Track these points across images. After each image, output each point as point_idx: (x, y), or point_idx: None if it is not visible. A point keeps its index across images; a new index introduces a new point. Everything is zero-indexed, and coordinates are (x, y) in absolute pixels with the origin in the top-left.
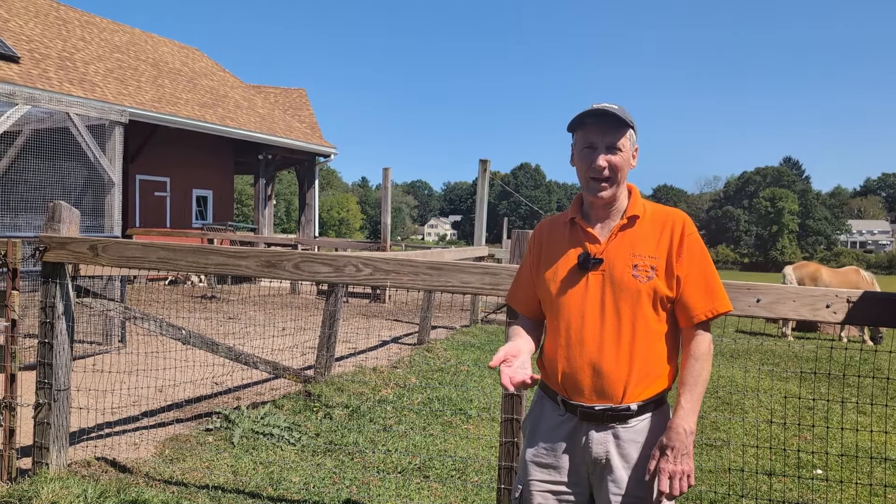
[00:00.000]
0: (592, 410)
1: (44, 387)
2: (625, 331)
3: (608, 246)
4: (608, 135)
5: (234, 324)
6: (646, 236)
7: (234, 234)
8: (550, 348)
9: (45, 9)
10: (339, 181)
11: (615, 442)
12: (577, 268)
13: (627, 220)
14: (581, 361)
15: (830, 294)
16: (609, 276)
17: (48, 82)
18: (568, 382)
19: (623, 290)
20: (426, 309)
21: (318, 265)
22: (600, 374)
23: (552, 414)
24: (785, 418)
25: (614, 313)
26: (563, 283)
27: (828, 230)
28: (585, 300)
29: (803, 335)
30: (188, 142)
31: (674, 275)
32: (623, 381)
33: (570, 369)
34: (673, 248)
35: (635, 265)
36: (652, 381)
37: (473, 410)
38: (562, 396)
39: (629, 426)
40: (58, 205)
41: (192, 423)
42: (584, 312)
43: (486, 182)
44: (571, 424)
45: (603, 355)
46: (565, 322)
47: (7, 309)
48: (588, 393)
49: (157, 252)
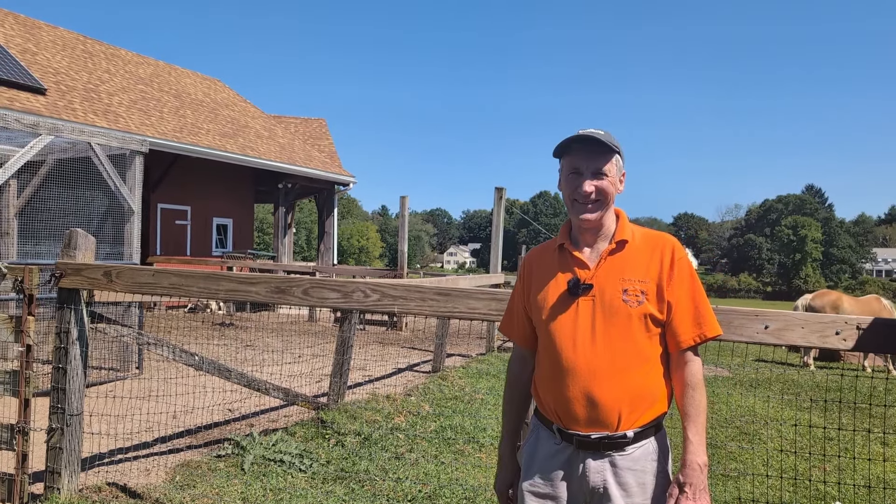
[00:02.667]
0: (588, 439)
1: (57, 412)
2: (618, 357)
3: (597, 271)
4: (594, 160)
5: (251, 350)
6: (635, 260)
7: (254, 261)
8: (544, 376)
9: (71, 42)
10: (360, 209)
11: (612, 470)
12: (566, 294)
13: (616, 244)
14: (575, 390)
15: (840, 321)
16: (599, 302)
17: (73, 113)
18: (562, 411)
19: (614, 315)
20: (441, 336)
21: (326, 291)
22: (594, 403)
23: (548, 442)
24: (804, 448)
25: (606, 339)
26: (552, 310)
27: (852, 258)
28: (576, 326)
29: (825, 364)
30: (209, 171)
31: (664, 299)
32: (618, 408)
33: (564, 398)
34: (664, 272)
35: (625, 290)
36: (648, 407)
37: (486, 439)
38: (557, 425)
39: (626, 454)
40: (74, 232)
41: (204, 450)
42: (575, 339)
43: (502, 210)
44: (568, 453)
45: (596, 383)
46: (557, 349)
47: (22, 334)
48: (583, 421)
49: (168, 278)
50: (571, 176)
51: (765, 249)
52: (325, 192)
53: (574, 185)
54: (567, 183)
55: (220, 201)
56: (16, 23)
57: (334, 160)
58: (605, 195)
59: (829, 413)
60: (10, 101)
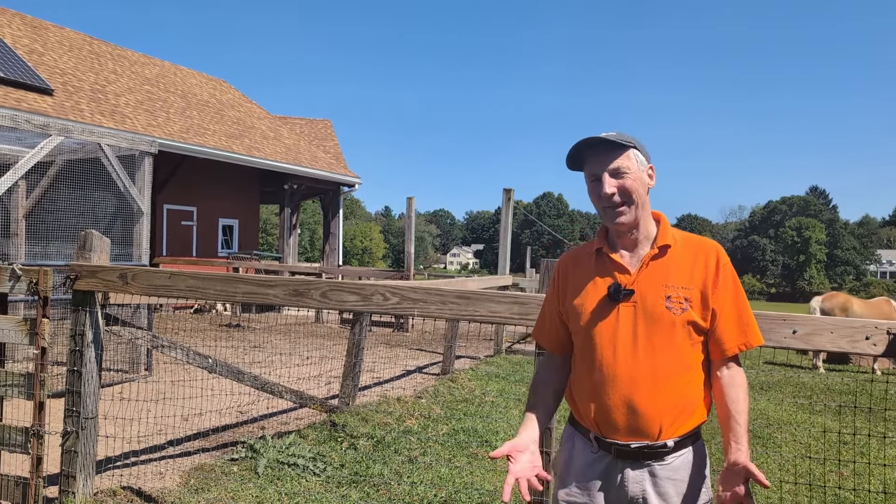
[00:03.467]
0: (628, 448)
1: (72, 415)
2: (659, 365)
3: (639, 276)
4: (607, 161)
5: (259, 352)
6: (678, 266)
7: (259, 262)
8: (582, 384)
9: (78, 43)
10: (363, 210)
11: (652, 480)
12: (606, 299)
13: (659, 249)
14: (615, 398)
15: (870, 326)
16: (641, 308)
17: (80, 114)
18: (602, 419)
19: (656, 322)
20: (451, 339)
21: (345, 294)
22: (635, 412)
23: (585, 451)
24: (821, 453)
25: (648, 346)
26: (592, 316)
27: (856, 260)
28: (617, 333)
29: (833, 367)
30: (215, 172)
31: (709, 307)
32: (659, 417)
33: (604, 406)
34: (709, 278)
35: (668, 296)
36: (688, 416)
37: (499, 442)
38: (595, 434)
39: (666, 463)
40: (89, 234)
41: (217, 453)
42: (616, 346)
43: (510, 211)
44: (606, 462)
45: (637, 391)
46: (597, 356)
47: (37, 337)
48: (623, 430)
49: (185, 281)
50: (593, 184)
51: (769, 251)
52: (330, 193)
53: (597, 190)
54: (591, 190)
55: (225, 202)
56: (23, 23)
57: (340, 161)
58: (630, 193)
59: (842, 417)
60: (17, 102)
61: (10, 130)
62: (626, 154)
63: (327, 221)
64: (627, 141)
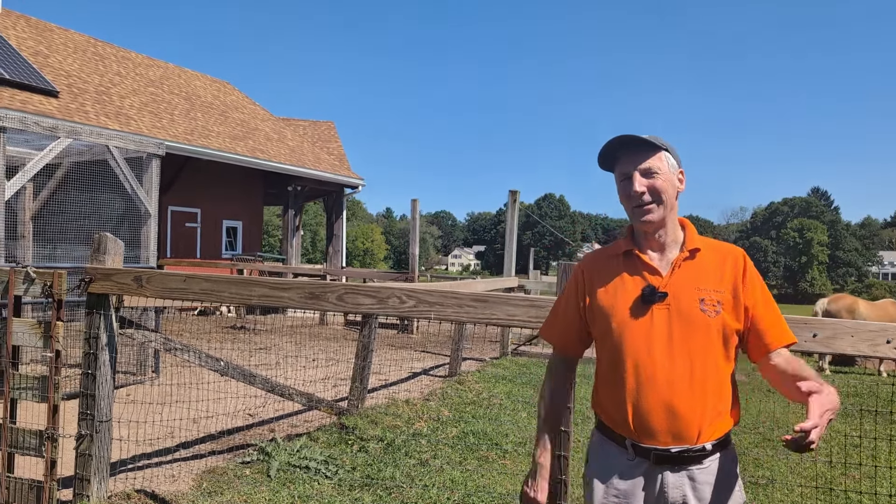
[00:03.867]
0: (669, 453)
1: (86, 418)
2: (696, 367)
3: (671, 279)
4: (639, 160)
5: (265, 354)
6: (708, 270)
7: (263, 264)
8: (614, 389)
9: (82, 45)
10: (364, 212)
11: (691, 484)
12: (640, 301)
13: (689, 252)
14: (652, 402)
15: (891, 329)
16: (675, 310)
17: (85, 116)
18: (638, 424)
19: (692, 324)
20: (457, 341)
21: (361, 297)
22: (675, 415)
23: (620, 459)
24: (831, 456)
25: (684, 349)
26: (625, 317)
27: (858, 261)
28: (652, 336)
29: (839, 369)
30: (219, 173)
31: (742, 307)
32: (698, 420)
33: (642, 410)
34: (738, 281)
35: (702, 299)
36: (723, 419)
37: (509, 445)
38: (631, 440)
39: (704, 467)
40: (103, 236)
41: (228, 455)
42: (651, 348)
43: (516, 213)
44: (644, 468)
45: (676, 394)
46: (631, 359)
47: (52, 339)
48: (662, 435)
49: (200, 284)
50: (623, 182)
51: (770, 252)
52: (333, 195)
53: (627, 189)
54: (621, 189)
55: (229, 204)
56: (27, 25)
57: (343, 163)
58: (660, 193)
59: (850, 419)
60: (23, 104)
61: (17, 132)
62: (659, 155)
63: (330, 223)
64: (661, 143)
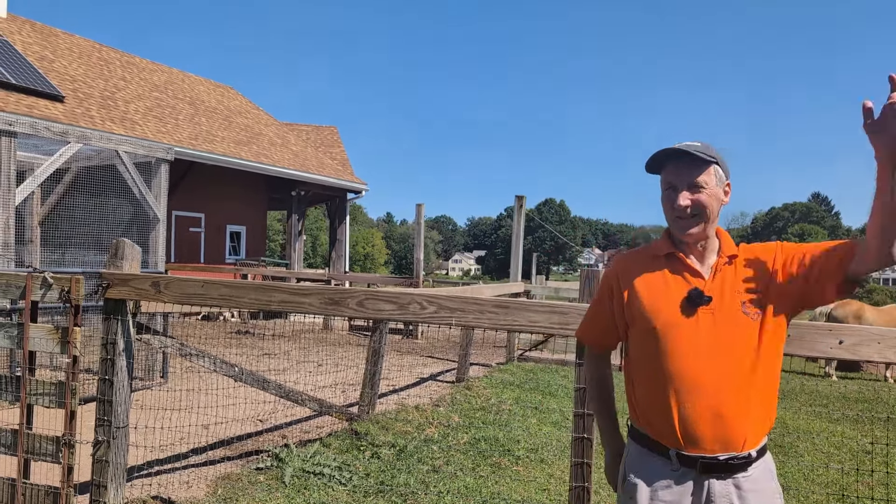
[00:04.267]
0: (717, 461)
1: (103, 424)
2: (742, 371)
3: (713, 282)
4: (687, 174)
5: (271, 359)
6: (746, 273)
7: (267, 269)
8: (655, 396)
9: (87, 50)
10: (365, 216)
11: (738, 493)
12: (684, 303)
13: (728, 258)
14: (700, 407)
15: None
16: (720, 314)
17: (91, 121)
18: (684, 431)
19: (736, 327)
20: (465, 346)
21: (382, 303)
22: (723, 421)
23: (663, 471)
24: (844, 463)
25: (729, 353)
26: (670, 321)
27: None
28: (697, 339)
29: (845, 375)
30: (223, 178)
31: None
32: (745, 426)
33: (689, 417)
34: (771, 263)
35: (743, 302)
36: (766, 424)
37: (521, 451)
38: (676, 450)
39: (748, 475)
40: (121, 242)
41: (241, 462)
42: (697, 352)
43: (522, 217)
44: (690, 478)
45: (724, 400)
46: (677, 364)
47: (69, 345)
48: (709, 442)
49: (218, 289)
50: (668, 192)
51: None
52: (336, 200)
53: (671, 200)
54: (665, 199)
55: (233, 209)
56: (32, 30)
57: (346, 167)
58: (704, 208)
59: (860, 425)
60: (29, 109)
61: (26, 137)
62: (709, 170)
63: (333, 228)
64: (711, 156)
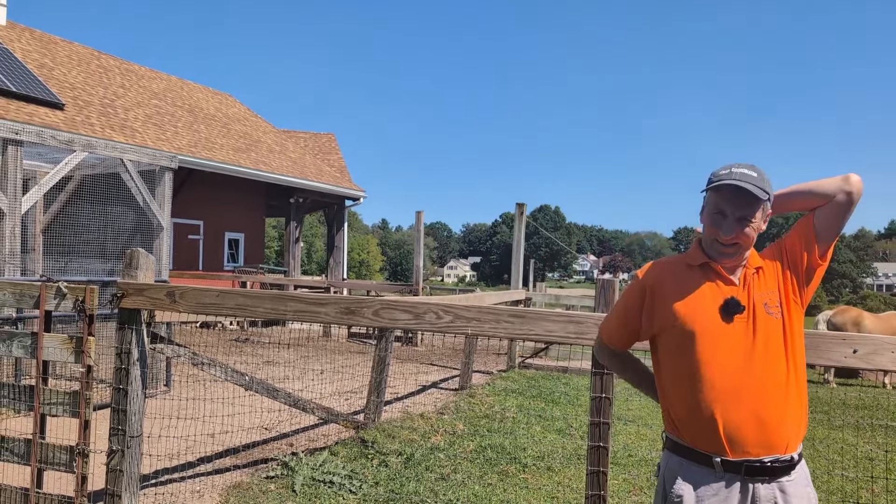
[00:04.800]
0: (762, 464)
1: (117, 433)
2: (779, 375)
3: (744, 291)
4: (741, 208)
5: (273, 368)
6: (765, 278)
7: (266, 276)
8: (697, 403)
9: (87, 57)
10: (360, 223)
11: (783, 497)
12: (723, 312)
13: (755, 269)
14: (744, 412)
15: None
16: (753, 320)
17: (91, 128)
18: (729, 437)
19: (769, 332)
20: (469, 354)
21: (397, 312)
22: (766, 424)
23: (707, 478)
24: (849, 469)
25: (765, 357)
26: (708, 329)
27: (853, 273)
28: (736, 345)
29: (844, 381)
30: (222, 185)
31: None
32: (786, 429)
33: (733, 423)
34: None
35: (765, 303)
36: (803, 427)
37: (528, 459)
38: (721, 456)
39: (791, 479)
40: (136, 251)
41: (250, 470)
42: (738, 358)
43: (523, 225)
44: (735, 484)
45: (764, 403)
46: (716, 371)
47: (83, 355)
48: (753, 446)
49: (234, 299)
50: (716, 216)
51: None
52: (335, 207)
53: (717, 226)
54: (710, 221)
55: (232, 216)
56: (32, 38)
57: (344, 175)
58: (746, 239)
59: (862, 432)
60: (29, 116)
61: (31, 146)
62: (760, 206)
63: (331, 235)
64: (765, 192)
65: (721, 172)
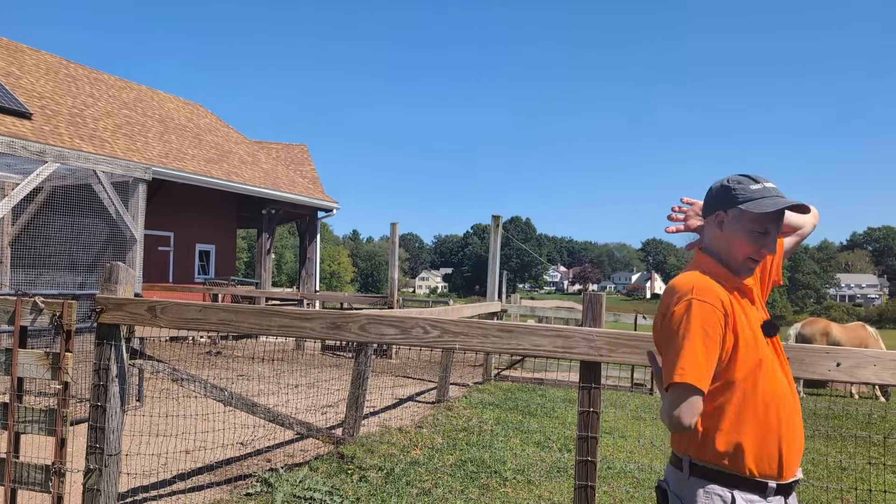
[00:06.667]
0: (796, 481)
1: (95, 451)
2: (795, 391)
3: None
4: (780, 224)
5: (247, 382)
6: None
7: (237, 288)
8: (759, 430)
9: (55, 66)
10: (331, 234)
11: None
12: (765, 334)
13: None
14: (797, 434)
15: None
16: (776, 340)
17: (60, 138)
18: (788, 461)
19: (780, 348)
20: (446, 367)
21: (384, 327)
22: (802, 443)
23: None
24: (823, 480)
25: (789, 376)
26: (763, 352)
27: (817, 284)
28: (777, 368)
29: (813, 391)
30: (193, 197)
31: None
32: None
33: (790, 445)
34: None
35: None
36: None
37: (508, 472)
38: (776, 481)
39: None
40: (115, 265)
41: (228, 487)
42: (783, 382)
43: (499, 237)
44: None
45: (800, 423)
46: (774, 395)
47: (60, 371)
48: (796, 465)
49: (217, 314)
50: (759, 235)
51: None
52: (307, 218)
53: (759, 244)
54: (750, 240)
55: (203, 227)
56: None
57: (317, 186)
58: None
59: (832, 441)
60: None
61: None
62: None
63: (304, 246)
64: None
65: (753, 188)
